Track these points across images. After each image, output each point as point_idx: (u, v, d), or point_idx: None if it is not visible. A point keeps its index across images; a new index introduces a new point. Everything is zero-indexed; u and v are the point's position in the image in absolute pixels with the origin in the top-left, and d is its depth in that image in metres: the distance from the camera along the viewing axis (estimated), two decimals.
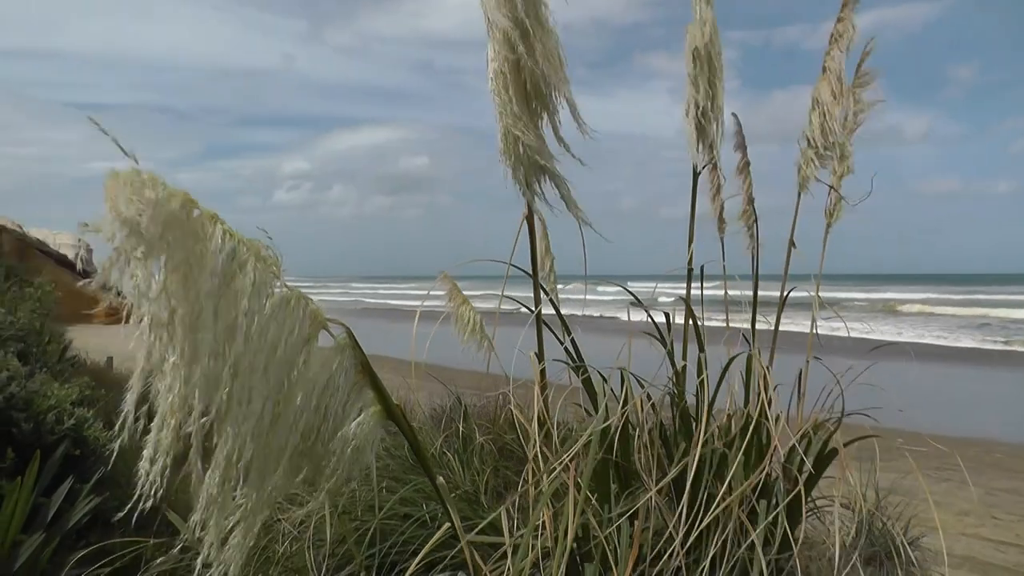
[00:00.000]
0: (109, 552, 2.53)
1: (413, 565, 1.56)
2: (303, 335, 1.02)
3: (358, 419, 1.07)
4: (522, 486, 2.09)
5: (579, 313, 3.02)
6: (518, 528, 1.98)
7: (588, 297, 3.02)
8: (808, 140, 2.92)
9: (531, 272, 2.41)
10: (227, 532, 1.09)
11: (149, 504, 1.02)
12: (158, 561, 2.35)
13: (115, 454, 1.18)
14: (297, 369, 1.03)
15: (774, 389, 2.27)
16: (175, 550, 2.19)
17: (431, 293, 3.37)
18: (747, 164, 3.37)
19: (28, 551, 2.60)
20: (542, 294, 2.41)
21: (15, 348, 4.20)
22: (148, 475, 1.01)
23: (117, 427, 1.04)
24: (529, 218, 2.40)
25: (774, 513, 1.97)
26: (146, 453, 1.02)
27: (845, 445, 2.31)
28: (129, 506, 1.02)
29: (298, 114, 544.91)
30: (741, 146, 3.38)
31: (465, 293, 3.56)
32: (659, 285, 3.06)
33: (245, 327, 0.97)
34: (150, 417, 1.05)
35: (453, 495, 2.66)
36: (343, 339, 1.09)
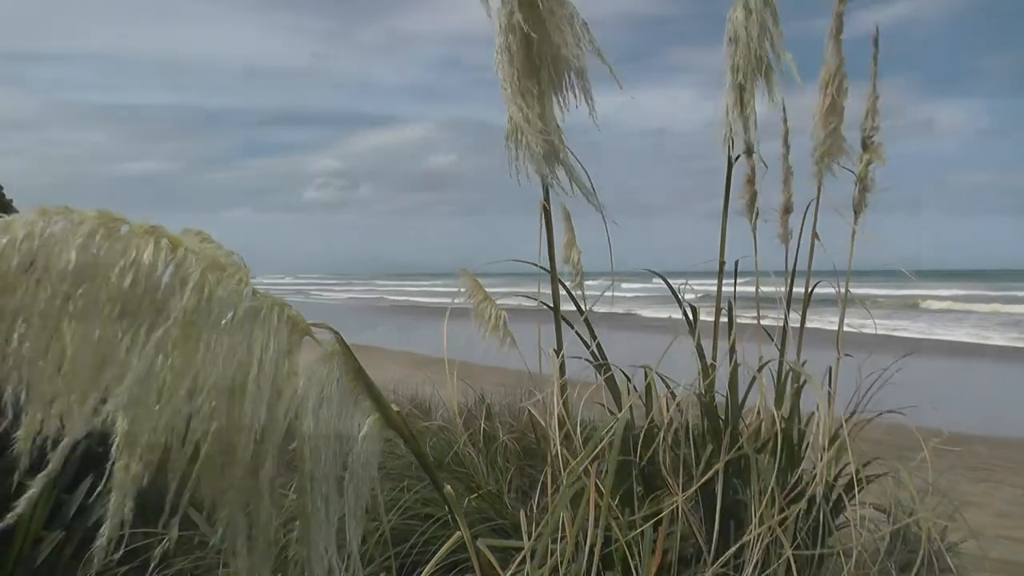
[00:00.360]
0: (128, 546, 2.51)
1: (428, 568, 1.51)
2: (281, 348, 0.93)
3: (363, 433, 0.99)
4: (541, 488, 2.04)
5: (603, 309, 2.95)
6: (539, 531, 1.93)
7: (611, 294, 2.95)
8: (819, 126, 2.81)
9: (550, 268, 2.35)
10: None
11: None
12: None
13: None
14: (281, 385, 0.93)
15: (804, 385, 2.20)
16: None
17: (460, 290, 3.33)
18: (787, 150, 3.15)
19: (49, 547, 2.59)
20: (561, 290, 2.35)
21: None
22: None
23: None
24: (545, 209, 2.34)
25: (806, 521, 1.90)
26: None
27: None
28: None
29: (328, 112, 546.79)
30: (784, 134, 3.16)
31: (492, 290, 3.52)
32: (689, 281, 2.98)
33: (202, 349, 0.88)
34: None
35: (476, 495, 2.62)
36: (332, 345, 1.01)
